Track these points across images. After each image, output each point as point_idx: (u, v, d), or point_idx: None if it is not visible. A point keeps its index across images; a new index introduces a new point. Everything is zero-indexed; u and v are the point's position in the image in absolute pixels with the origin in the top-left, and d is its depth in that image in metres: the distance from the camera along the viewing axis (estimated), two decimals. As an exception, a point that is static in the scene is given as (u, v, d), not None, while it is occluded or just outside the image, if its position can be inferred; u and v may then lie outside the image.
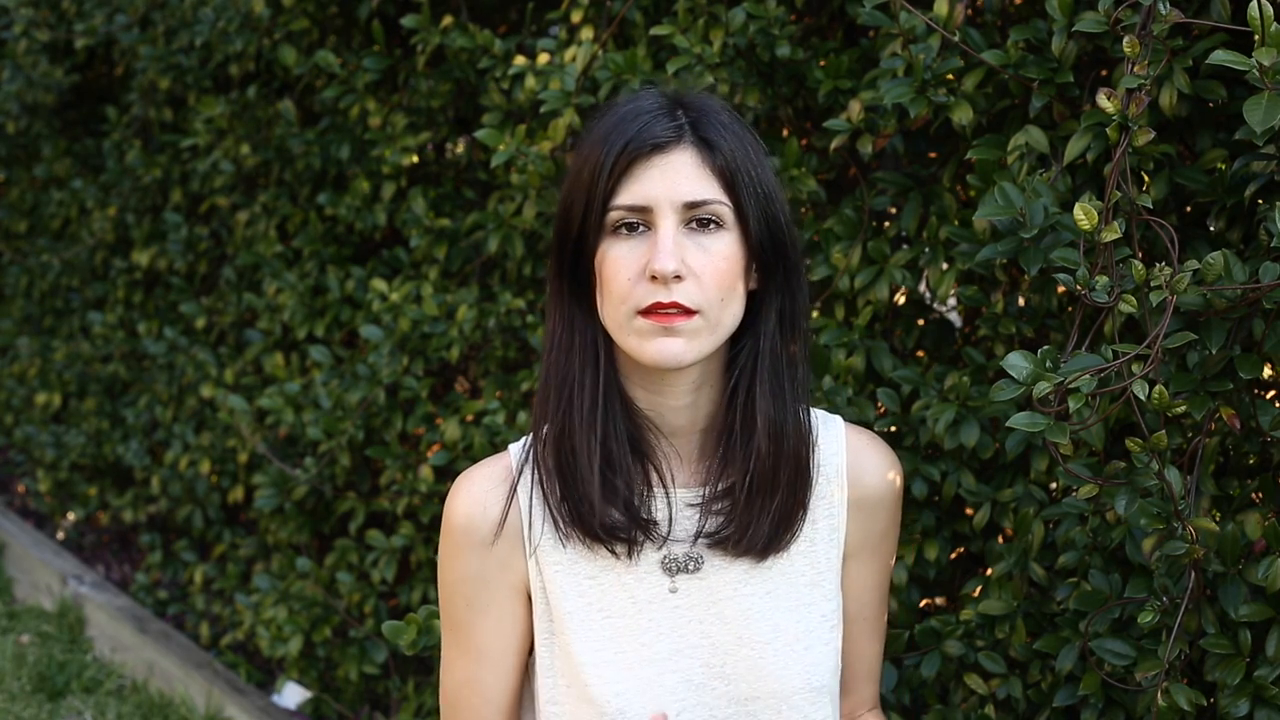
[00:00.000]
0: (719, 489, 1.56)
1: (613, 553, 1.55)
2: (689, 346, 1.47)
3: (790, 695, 1.58)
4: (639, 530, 1.54)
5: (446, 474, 2.87)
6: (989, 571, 2.06)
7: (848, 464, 1.63)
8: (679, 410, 1.56)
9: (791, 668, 1.58)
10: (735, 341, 1.55)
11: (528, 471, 1.59)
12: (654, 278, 1.44)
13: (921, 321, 2.20)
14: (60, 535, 4.82)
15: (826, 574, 1.62)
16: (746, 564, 1.58)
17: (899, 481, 1.67)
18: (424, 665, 3.33)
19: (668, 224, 1.45)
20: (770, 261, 1.52)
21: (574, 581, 1.57)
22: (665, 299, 1.44)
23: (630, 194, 1.46)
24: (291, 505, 3.31)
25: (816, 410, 1.65)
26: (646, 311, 1.46)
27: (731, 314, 1.50)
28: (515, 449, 1.63)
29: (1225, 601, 1.68)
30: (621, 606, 1.56)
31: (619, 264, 1.47)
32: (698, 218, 1.47)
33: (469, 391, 3.07)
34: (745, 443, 1.54)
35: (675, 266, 1.43)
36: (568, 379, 1.54)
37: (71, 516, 4.78)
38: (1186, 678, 1.81)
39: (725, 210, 1.47)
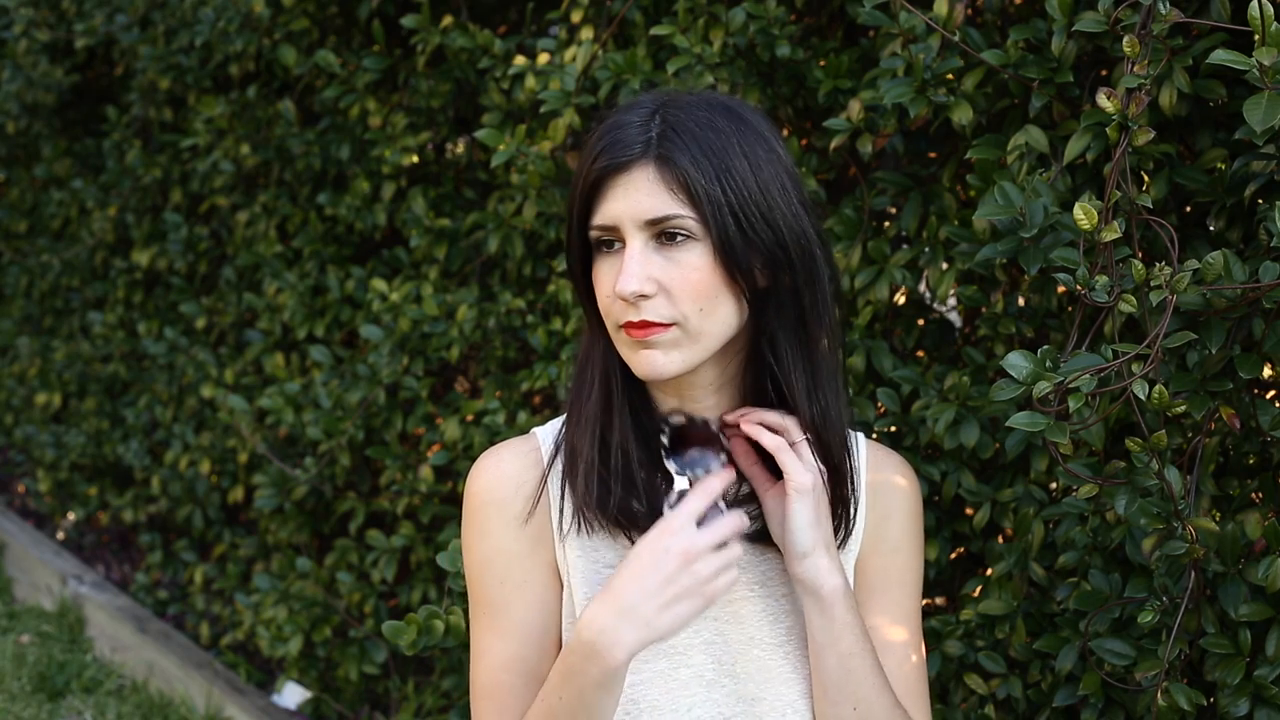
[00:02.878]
0: (744, 491, 1.57)
1: (630, 540, 1.55)
2: (669, 358, 1.48)
3: (796, 700, 1.58)
4: (653, 521, 1.53)
5: (446, 474, 2.87)
6: (989, 571, 2.06)
7: (867, 481, 1.64)
8: (705, 410, 1.57)
9: (800, 672, 1.58)
10: (759, 342, 1.55)
11: (556, 456, 1.60)
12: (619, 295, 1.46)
13: (921, 321, 2.20)
14: (60, 535, 4.82)
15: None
16: (766, 567, 1.59)
17: (913, 488, 1.67)
18: (424, 665, 3.33)
19: (634, 244, 1.46)
20: (777, 258, 1.50)
21: (595, 569, 1.57)
22: (635, 318, 1.46)
23: (600, 214, 1.48)
24: (291, 505, 3.32)
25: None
26: (626, 325, 1.48)
27: (717, 322, 1.49)
28: (543, 433, 1.64)
29: (1225, 601, 1.68)
30: None
31: (600, 281, 1.51)
32: (664, 232, 1.46)
33: (469, 391, 3.07)
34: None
35: (636, 288, 1.44)
36: (602, 373, 1.56)
37: (71, 516, 4.78)
38: (1186, 677, 1.81)
39: (691, 223, 1.45)
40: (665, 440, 1.50)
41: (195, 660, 3.73)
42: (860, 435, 1.68)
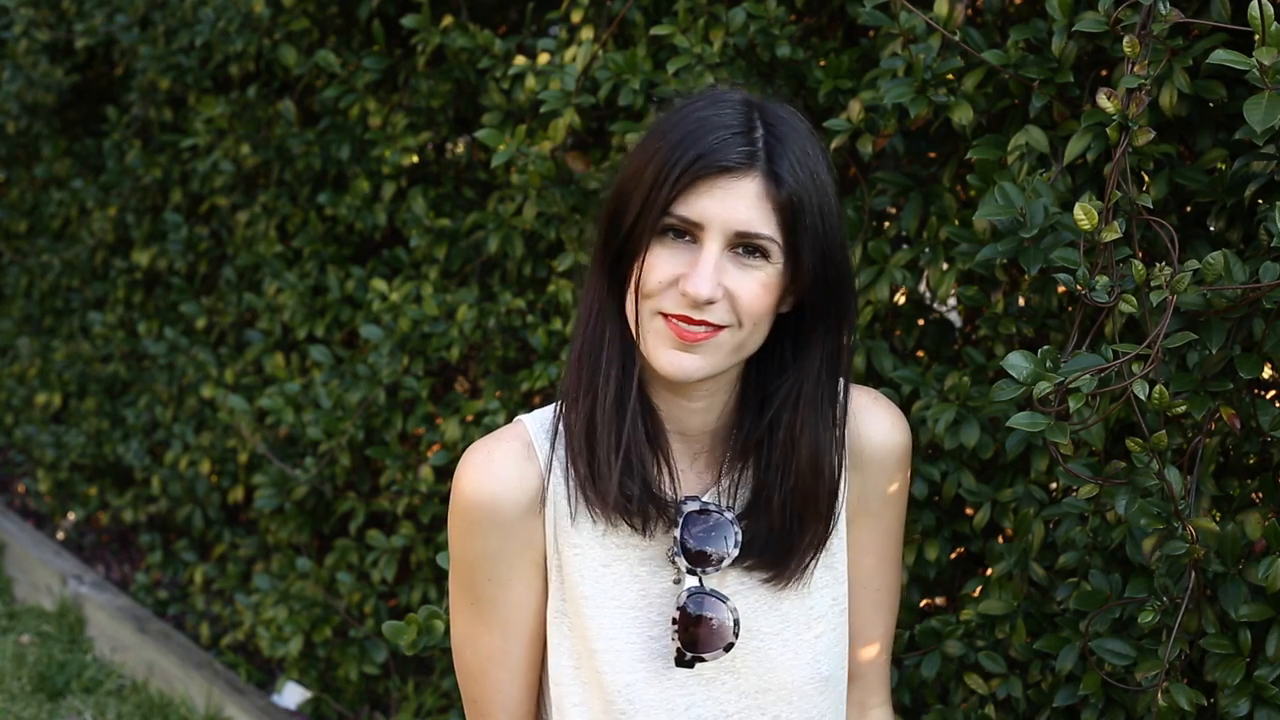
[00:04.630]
0: (738, 505, 1.58)
1: (631, 525, 1.55)
2: (703, 364, 1.48)
3: (800, 685, 1.59)
4: (653, 506, 1.54)
5: (446, 474, 2.86)
6: (989, 571, 2.06)
7: (849, 431, 1.62)
8: (695, 412, 1.58)
9: (801, 656, 1.59)
10: (769, 364, 1.55)
11: (549, 448, 1.59)
12: (685, 293, 1.44)
13: (921, 321, 2.20)
14: (60, 535, 4.82)
15: (838, 554, 1.63)
16: (755, 579, 1.59)
17: (903, 442, 1.66)
18: (424, 665, 3.33)
19: (714, 246, 1.44)
20: (822, 300, 1.51)
21: (590, 567, 1.57)
22: (695, 316, 1.45)
23: (689, 207, 1.45)
24: (291, 505, 3.32)
25: None
26: (669, 315, 1.46)
27: (758, 337, 1.50)
28: (531, 422, 1.62)
29: (1225, 601, 1.68)
30: (632, 598, 1.57)
31: (657, 265, 1.47)
32: (746, 244, 1.46)
33: (469, 391, 3.07)
34: (783, 467, 1.54)
35: (709, 293, 1.43)
36: (597, 368, 1.55)
37: (71, 516, 4.78)
38: (1186, 678, 1.81)
39: (775, 247, 1.46)
40: (677, 531, 1.54)
41: (195, 660, 3.73)
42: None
